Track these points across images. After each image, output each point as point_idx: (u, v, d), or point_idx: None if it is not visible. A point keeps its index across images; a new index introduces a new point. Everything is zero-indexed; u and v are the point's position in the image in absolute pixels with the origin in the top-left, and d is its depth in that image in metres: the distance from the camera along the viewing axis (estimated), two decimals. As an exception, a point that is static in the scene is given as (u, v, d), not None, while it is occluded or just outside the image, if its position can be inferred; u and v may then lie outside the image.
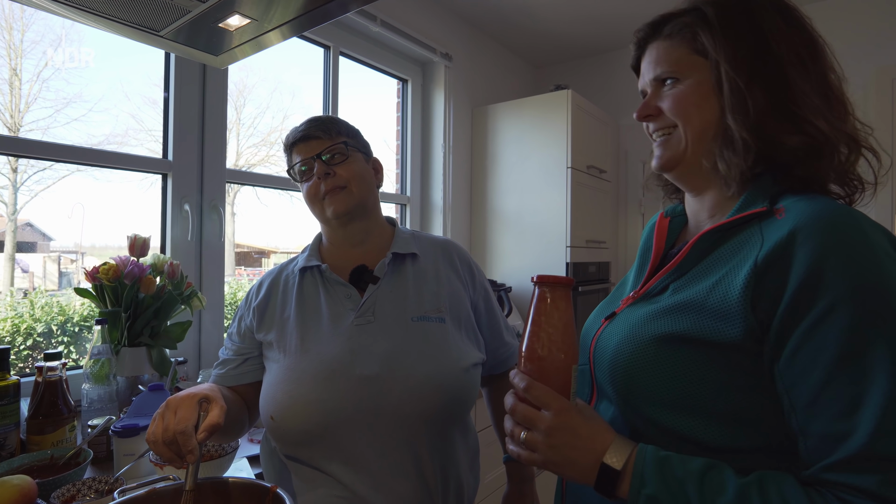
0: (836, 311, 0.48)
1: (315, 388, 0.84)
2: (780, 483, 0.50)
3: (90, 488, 0.94)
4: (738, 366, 0.54)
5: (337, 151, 0.94)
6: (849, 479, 0.47)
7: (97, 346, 1.25)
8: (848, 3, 2.45)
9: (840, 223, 0.51)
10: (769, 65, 0.60)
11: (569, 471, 0.57)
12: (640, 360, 0.60)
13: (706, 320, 0.56)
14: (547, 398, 0.58)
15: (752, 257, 0.54)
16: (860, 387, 0.47)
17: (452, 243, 1.06)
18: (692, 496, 0.51)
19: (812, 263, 0.50)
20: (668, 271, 0.64)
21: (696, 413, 0.56)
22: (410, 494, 0.83)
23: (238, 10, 0.77)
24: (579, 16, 2.71)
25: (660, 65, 0.66)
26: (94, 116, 1.60)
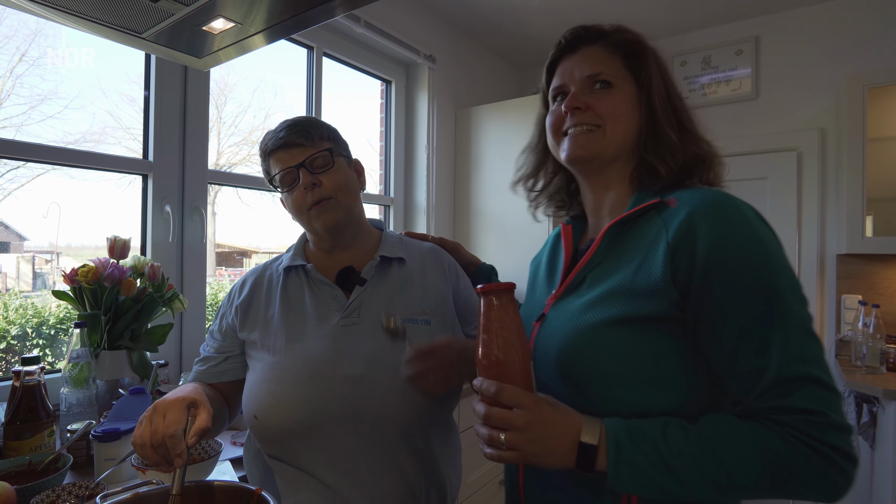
0: (738, 275, 0.60)
1: (299, 388, 0.84)
2: (724, 420, 0.61)
3: (70, 493, 0.93)
4: (667, 334, 0.64)
5: (321, 159, 0.91)
6: (774, 402, 0.58)
7: (76, 349, 1.24)
8: (820, 14, 2.52)
9: (723, 203, 0.64)
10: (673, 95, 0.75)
11: (550, 458, 0.61)
12: (586, 346, 0.67)
13: (637, 301, 0.64)
14: (518, 397, 0.62)
15: (663, 240, 0.64)
16: (768, 328, 0.59)
17: (439, 248, 1.07)
18: (662, 450, 0.59)
19: (712, 238, 0.61)
20: (584, 265, 0.73)
21: (638, 383, 0.64)
22: (393, 493, 0.84)
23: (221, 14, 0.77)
24: (561, 21, 2.74)
25: (597, 66, 0.75)
26: (70, 114, 1.57)
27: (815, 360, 0.59)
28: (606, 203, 0.77)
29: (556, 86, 0.79)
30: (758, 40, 2.67)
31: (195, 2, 0.73)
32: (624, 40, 0.76)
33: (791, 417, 0.58)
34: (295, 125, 0.92)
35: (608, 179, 0.77)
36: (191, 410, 0.73)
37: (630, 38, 0.76)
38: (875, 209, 2.32)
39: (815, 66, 2.53)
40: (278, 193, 0.98)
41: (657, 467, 0.59)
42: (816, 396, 0.58)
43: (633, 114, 0.74)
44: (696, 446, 0.59)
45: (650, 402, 0.64)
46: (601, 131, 0.73)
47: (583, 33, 0.78)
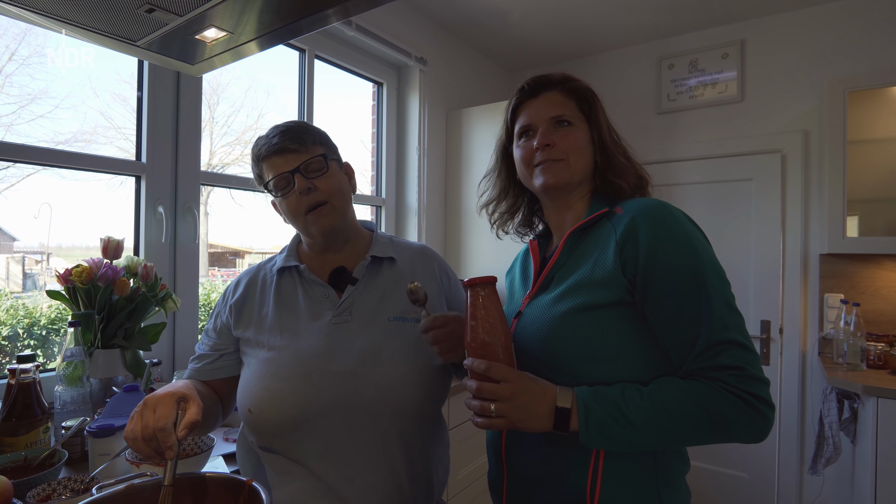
0: (671, 264, 0.75)
1: (292, 383, 0.87)
2: (669, 381, 0.75)
3: (66, 488, 0.95)
4: (623, 317, 0.78)
5: (315, 164, 0.93)
6: (706, 363, 0.73)
7: (70, 348, 1.26)
8: (804, 19, 2.57)
9: (658, 208, 0.80)
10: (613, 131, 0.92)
11: (532, 422, 0.74)
12: (558, 332, 0.81)
13: (595, 291, 0.79)
14: (504, 372, 0.75)
15: (613, 239, 0.80)
16: (697, 304, 0.74)
17: (429, 249, 1.10)
18: (622, 407, 0.72)
19: (649, 235, 0.77)
20: (552, 266, 0.88)
21: (602, 360, 0.78)
22: (382, 486, 0.87)
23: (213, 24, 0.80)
24: (551, 24, 2.78)
25: (560, 109, 0.90)
26: (60, 113, 1.57)
27: (737, 328, 0.74)
28: (568, 219, 0.92)
29: (523, 125, 0.92)
30: (743, 44, 2.72)
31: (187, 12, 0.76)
32: (576, 87, 0.91)
33: (720, 373, 0.72)
34: (288, 130, 0.94)
35: (570, 201, 0.92)
36: (180, 405, 0.75)
37: (580, 85, 0.92)
38: (860, 210, 2.37)
39: (799, 70, 2.59)
40: (270, 196, 1.00)
41: (618, 422, 0.72)
42: (739, 356, 0.72)
43: (589, 147, 0.89)
44: (648, 402, 0.72)
45: (613, 375, 0.77)
46: (566, 163, 0.87)
47: (543, 81, 0.92)
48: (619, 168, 0.89)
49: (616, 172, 0.89)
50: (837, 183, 2.26)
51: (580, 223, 0.86)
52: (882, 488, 1.91)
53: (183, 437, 0.73)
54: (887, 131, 2.34)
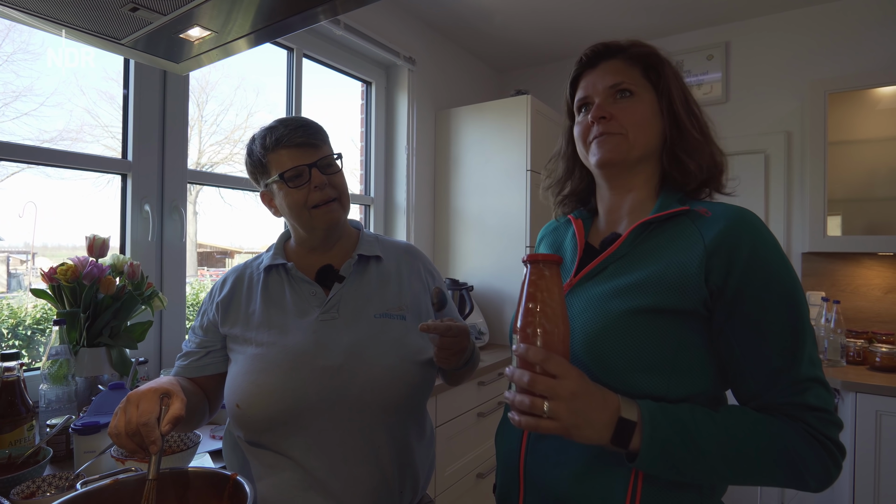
0: (772, 284, 0.68)
1: (280, 377, 0.88)
2: (740, 411, 0.68)
3: (50, 485, 0.95)
4: (690, 328, 0.70)
5: (331, 161, 0.97)
6: (790, 399, 0.67)
7: (55, 346, 1.26)
8: (786, 21, 2.62)
9: (757, 221, 0.71)
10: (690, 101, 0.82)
11: (588, 430, 0.63)
12: (611, 331, 0.71)
13: (668, 293, 0.69)
14: (564, 368, 0.63)
15: (700, 244, 0.70)
16: (792, 336, 0.67)
17: (415, 248, 1.12)
18: (692, 431, 0.64)
19: (750, 249, 0.68)
20: (608, 255, 0.77)
21: (655, 371, 0.69)
22: (367, 479, 0.89)
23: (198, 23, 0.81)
24: (540, 25, 2.80)
25: (619, 76, 0.81)
26: (46, 111, 1.56)
27: (820, 366, 0.68)
28: (626, 204, 0.83)
29: (581, 97, 0.84)
30: (728, 46, 2.76)
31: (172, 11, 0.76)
32: (640, 53, 0.82)
33: (804, 413, 0.66)
34: (308, 126, 0.96)
35: (630, 182, 0.82)
36: (164, 400, 0.76)
37: (646, 50, 0.82)
38: (843, 209, 2.42)
39: (782, 72, 2.63)
40: (257, 192, 1.01)
41: (686, 446, 0.64)
42: (823, 397, 0.66)
43: (655, 120, 0.80)
44: (722, 429, 0.65)
45: (663, 389, 0.69)
46: (624, 138, 0.78)
47: (602, 49, 0.83)
48: (691, 144, 0.78)
49: (687, 149, 0.78)
50: (818, 183, 2.31)
51: (655, 215, 0.75)
52: (860, 479, 1.96)
53: (167, 431, 0.74)
54: (866, 132, 2.38)
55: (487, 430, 2.23)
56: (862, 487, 1.95)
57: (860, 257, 2.46)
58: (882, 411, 1.93)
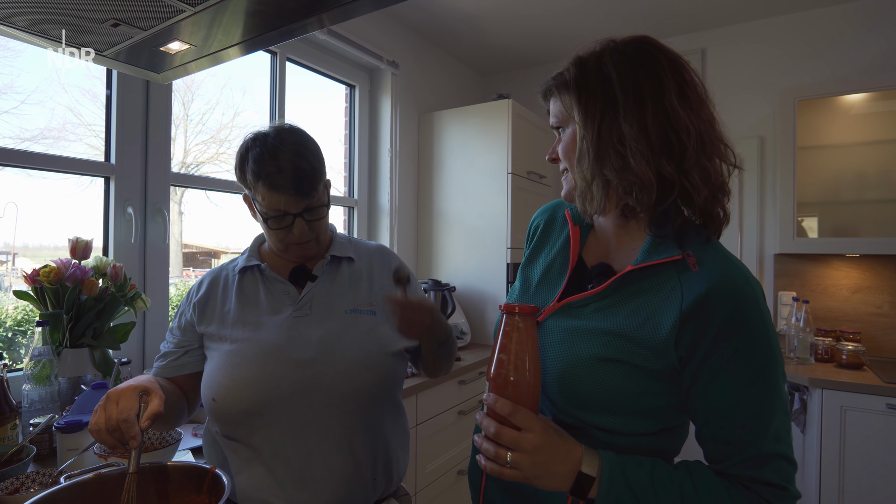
0: (741, 357, 0.65)
1: (254, 371, 0.92)
2: (703, 473, 0.68)
3: (34, 481, 0.98)
4: (653, 379, 0.69)
5: (318, 213, 0.99)
6: (747, 472, 0.66)
7: (38, 347, 1.28)
8: (760, 29, 2.70)
9: (743, 289, 0.66)
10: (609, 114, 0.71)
11: (547, 482, 0.66)
12: (577, 375, 0.72)
13: (637, 349, 0.69)
14: (529, 421, 0.66)
15: (677, 306, 0.67)
16: (758, 410, 0.66)
17: (387, 249, 1.17)
18: (648, 490, 0.65)
19: (725, 318, 0.65)
20: (593, 294, 0.74)
21: (619, 412, 0.71)
22: (341, 467, 0.93)
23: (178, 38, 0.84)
24: (522, 31, 2.85)
25: (552, 116, 0.80)
26: (27, 109, 1.55)
27: (786, 439, 0.67)
28: (610, 225, 0.80)
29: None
30: (704, 52, 2.83)
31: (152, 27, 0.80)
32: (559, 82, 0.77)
33: (759, 487, 0.66)
34: (301, 175, 0.94)
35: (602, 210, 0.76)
36: (143, 397, 0.80)
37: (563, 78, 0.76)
38: (812, 212, 2.50)
39: (756, 78, 2.71)
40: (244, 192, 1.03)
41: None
42: (783, 472, 0.66)
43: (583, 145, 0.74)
44: (678, 493, 0.65)
45: (625, 426, 0.71)
46: (569, 173, 0.78)
47: (546, 87, 0.81)
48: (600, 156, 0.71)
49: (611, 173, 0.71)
50: (788, 186, 2.39)
51: (639, 266, 0.71)
52: (825, 471, 2.04)
53: (146, 427, 0.77)
54: (834, 138, 2.47)
55: (468, 428, 2.27)
56: (827, 476, 2.03)
57: (829, 258, 2.54)
58: (847, 406, 2.01)
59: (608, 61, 0.73)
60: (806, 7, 2.56)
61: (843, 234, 2.45)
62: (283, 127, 1.00)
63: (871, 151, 2.40)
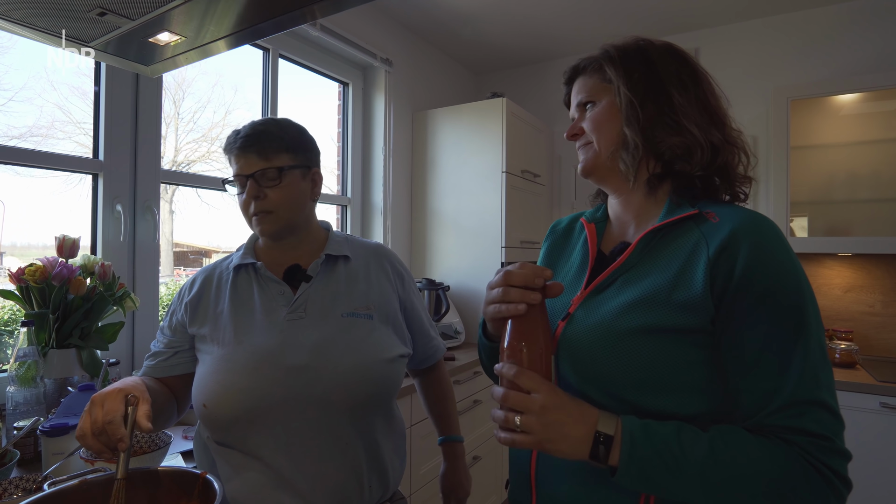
0: (770, 296, 0.62)
1: (245, 377, 0.90)
2: (734, 432, 0.63)
3: (17, 487, 0.95)
4: (695, 345, 0.66)
5: (270, 174, 0.96)
6: (785, 422, 0.61)
7: (23, 348, 1.24)
8: (752, 29, 2.70)
9: (767, 229, 0.66)
10: (655, 86, 0.76)
11: (563, 444, 0.63)
12: (616, 351, 0.68)
13: (673, 312, 0.66)
14: (535, 382, 0.64)
15: (704, 254, 0.66)
16: (790, 350, 0.62)
17: (384, 248, 1.14)
18: (674, 450, 0.61)
19: (750, 258, 0.63)
20: (617, 267, 0.74)
21: (658, 389, 0.66)
22: (334, 475, 0.90)
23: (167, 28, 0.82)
24: (516, 30, 2.84)
25: (580, 93, 0.82)
26: (14, 106, 1.53)
27: (828, 387, 0.62)
28: (630, 207, 0.81)
29: (570, 118, 0.86)
30: (697, 52, 2.83)
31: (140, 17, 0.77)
32: (594, 60, 0.81)
33: (801, 439, 0.60)
34: (255, 136, 0.96)
35: (622, 185, 0.80)
36: (130, 399, 0.77)
37: (596, 57, 0.81)
38: (805, 211, 2.51)
39: (749, 78, 2.72)
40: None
41: (667, 466, 0.61)
42: (826, 422, 0.60)
43: (613, 119, 0.77)
44: (707, 451, 0.60)
45: (669, 408, 0.66)
46: (592, 145, 0.79)
47: (573, 71, 0.85)
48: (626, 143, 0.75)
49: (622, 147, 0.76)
50: (781, 186, 2.39)
51: (659, 224, 0.72)
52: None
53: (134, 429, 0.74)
54: (827, 138, 2.48)
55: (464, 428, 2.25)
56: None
57: (821, 258, 2.55)
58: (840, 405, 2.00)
59: (647, 49, 0.79)
60: (799, 7, 2.57)
61: (836, 233, 2.46)
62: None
63: (863, 151, 2.41)
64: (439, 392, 1.26)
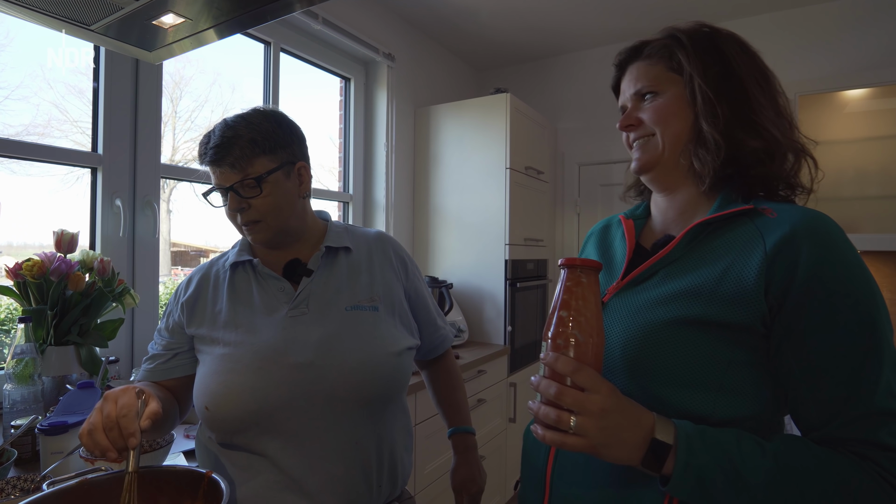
0: (839, 299, 0.58)
1: (248, 377, 0.86)
2: (802, 442, 0.58)
3: (14, 487, 0.92)
4: (741, 344, 0.62)
5: (249, 185, 0.89)
6: (859, 434, 0.56)
7: (20, 345, 1.21)
8: (756, 25, 2.68)
9: (828, 225, 0.61)
10: (732, 82, 0.70)
11: (617, 451, 0.58)
12: (652, 342, 0.64)
13: (719, 305, 0.62)
14: (595, 381, 0.58)
15: (760, 249, 0.61)
16: (863, 358, 0.57)
17: (386, 235, 1.09)
18: (735, 461, 0.56)
19: (817, 254, 0.59)
20: (659, 259, 0.70)
21: (700, 388, 0.62)
22: (346, 475, 0.87)
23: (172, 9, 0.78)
24: (520, 24, 2.81)
25: (640, 81, 0.76)
26: (11, 105, 1.51)
27: None
28: (677, 203, 0.76)
29: (620, 106, 0.81)
30: (702, 48, 2.81)
31: (144, -4, 0.74)
32: (660, 45, 0.75)
33: (875, 453, 0.56)
34: (224, 147, 0.88)
35: (677, 181, 0.75)
36: (142, 396, 0.74)
37: (661, 42, 0.75)
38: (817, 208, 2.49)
39: (754, 74, 2.69)
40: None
41: (728, 478, 0.56)
42: None
43: (682, 110, 0.72)
44: (772, 463, 0.56)
45: (712, 407, 0.62)
46: (654, 139, 0.74)
47: (628, 54, 0.79)
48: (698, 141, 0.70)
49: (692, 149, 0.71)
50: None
51: (713, 216, 0.67)
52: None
53: (146, 427, 0.71)
54: (835, 134, 2.46)
55: (467, 428, 2.22)
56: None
57: (828, 255, 2.53)
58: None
59: (716, 37, 0.73)
60: (807, 2, 2.54)
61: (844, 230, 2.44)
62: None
63: (871, 148, 2.39)
64: (448, 382, 1.21)
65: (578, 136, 3.16)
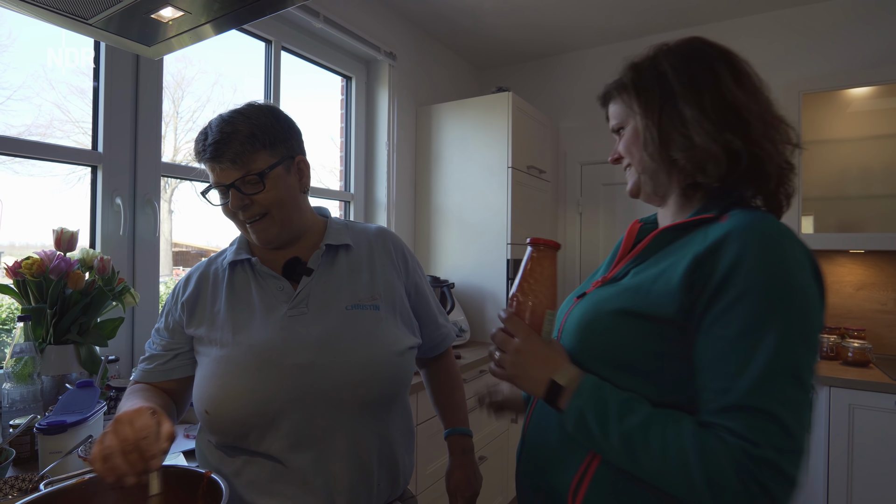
0: (744, 299, 0.61)
1: (248, 379, 0.85)
2: (679, 418, 0.64)
3: (13, 487, 0.91)
4: (669, 338, 0.68)
5: (251, 182, 0.88)
6: (724, 422, 0.60)
7: (19, 343, 1.20)
8: (759, 23, 2.67)
9: (764, 230, 0.64)
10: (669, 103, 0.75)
11: (524, 382, 0.73)
12: (597, 328, 0.74)
13: (651, 299, 0.69)
14: (517, 328, 0.75)
15: (694, 251, 0.67)
16: (748, 357, 0.60)
17: (387, 231, 1.07)
18: (610, 410, 0.66)
19: (734, 258, 0.62)
20: (631, 258, 0.79)
21: (634, 373, 0.70)
22: (346, 476, 0.86)
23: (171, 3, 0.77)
24: (521, 23, 2.80)
25: (612, 118, 0.85)
26: (13, 105, 1.50)
27: (786, 402, 0.58)
28: (668, 213, 0.82)
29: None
30: (705, 46, 2.79)
31: (143, -12, 0.73)
32: (616, 86, 0.82)
33: (727, 436, 0.59)
34: (223, 142, 0.87)
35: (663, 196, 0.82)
36: (155, 416, 0.71)
37: (614, 83, 0.82)
38: (816, 207, 2.47)
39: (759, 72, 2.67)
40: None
41: (597, 422, 0.66)
42: (759, 429, 0.58)
43: (638, 142, 0.79)
44: (638, 424, 0.64)
45: (648, 394, 0.68)
46: (632, 169, 0.82)
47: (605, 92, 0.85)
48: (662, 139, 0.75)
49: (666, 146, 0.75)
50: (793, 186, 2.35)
51: (676, 222, 0.75)
52: (833, 470, 2.00)
53: (166, 449, 0.69)
54: (839, 132, 2.44)
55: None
56: (835, 474, 2.00)
57: (833, 255, 2.52)
58: (854, 405, 1.98)
59: (662, 60, 0.77)
60: (809, 0, 2.53)
61: (848, 229, 2.42)
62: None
63: (876, 146, 2.37)
64: (447, 382, 1.19)
65: (580, 135, 3.14)
